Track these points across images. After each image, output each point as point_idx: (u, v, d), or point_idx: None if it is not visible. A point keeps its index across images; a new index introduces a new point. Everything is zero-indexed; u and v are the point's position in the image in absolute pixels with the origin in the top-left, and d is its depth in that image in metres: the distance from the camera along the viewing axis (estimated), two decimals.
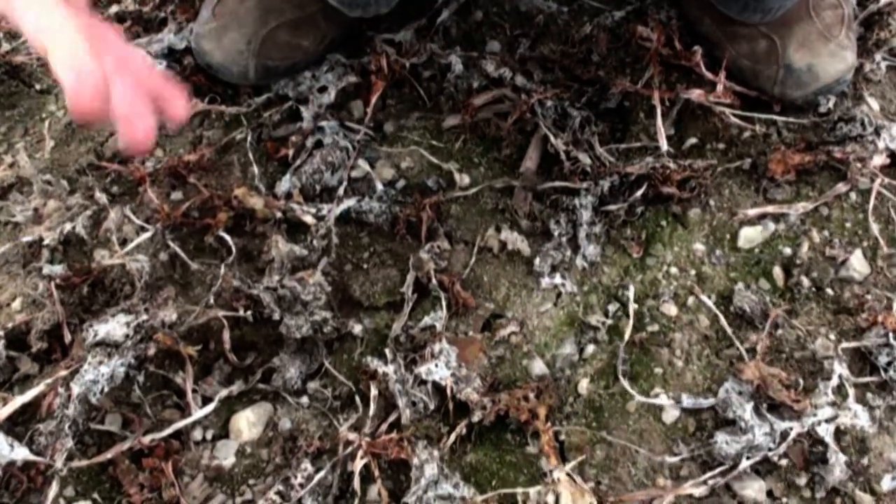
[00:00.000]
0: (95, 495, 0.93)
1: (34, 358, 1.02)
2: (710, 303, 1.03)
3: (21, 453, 0.90)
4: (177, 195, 1.13)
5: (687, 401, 0.97)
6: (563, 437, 0.96)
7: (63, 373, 0.98)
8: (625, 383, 0.98)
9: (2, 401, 0.95)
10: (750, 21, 1.15)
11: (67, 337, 1.02)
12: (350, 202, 1.09)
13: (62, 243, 1.08)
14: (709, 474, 0.91)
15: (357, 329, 1.03)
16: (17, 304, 1.05)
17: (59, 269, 1.05)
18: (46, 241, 1.07)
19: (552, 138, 1.13)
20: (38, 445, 0.92)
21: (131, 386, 0.99)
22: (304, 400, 0.99)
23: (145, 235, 1.07)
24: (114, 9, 1.35)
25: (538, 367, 1.01)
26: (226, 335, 0.99)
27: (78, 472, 0.94)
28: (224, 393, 0.99)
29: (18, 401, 0.95)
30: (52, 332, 1.02)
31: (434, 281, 1.04)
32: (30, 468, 0.93)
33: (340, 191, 1.13)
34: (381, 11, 1.20)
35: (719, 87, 1.15)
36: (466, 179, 1.14)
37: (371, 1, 1.17)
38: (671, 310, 1.03)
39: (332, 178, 1.14)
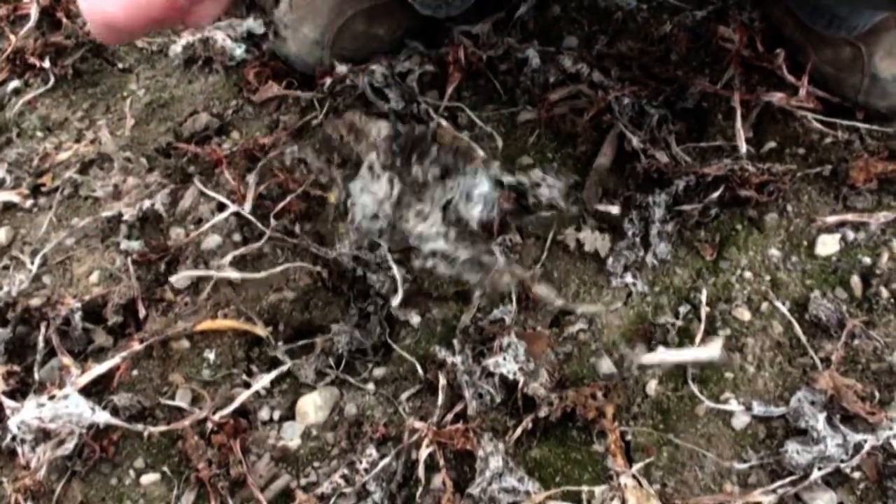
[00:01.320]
0: (165, 468, 0.95)
1: (109, 331, 1.04)
2: (784, 309, 1.01)
3: (103, 417, 0.92)
4: (252, 177, 1.14)
5: (758, 408, 0.95)
6: (629, 438, 0.95)
7: (137, 347, 1.00)
8: (693, 387, 0.97)
9: (80, 369, 0.97)
10: (835, 35, 1.13)
11: (142, 312, 1.04)
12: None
13: (140, 220, 1.10)
14: (778, 483, 0.90)
15: (415, 320, 1.04)
16: (94, 278, 1.07)
17: (136, 244, 1.08)
18: (125, 217, 1.09)
19: (629, 135, 1.12)
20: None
21: (202, 363, 1.01)
22: (370, 386, 1.00)
23: (221, 215, 1.09)
24: None
25: (606, 365, 1.00)
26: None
27: (148, 445, 0.96)
28: (285, 368, 1.00)
29: (95, 370, 0.97)
30: (126, 307, 1.04)
31: None
32: (102, 437, 0.95)
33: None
34: (451, 13, 1.20)
35: (802, 92, 1.13)
36: (540, 174, 1.14)
37: (442, 4, 1.18)
38: (744, 314, 1.02)
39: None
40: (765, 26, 1.21)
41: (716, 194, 1.07)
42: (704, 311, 1.02)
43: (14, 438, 0.92)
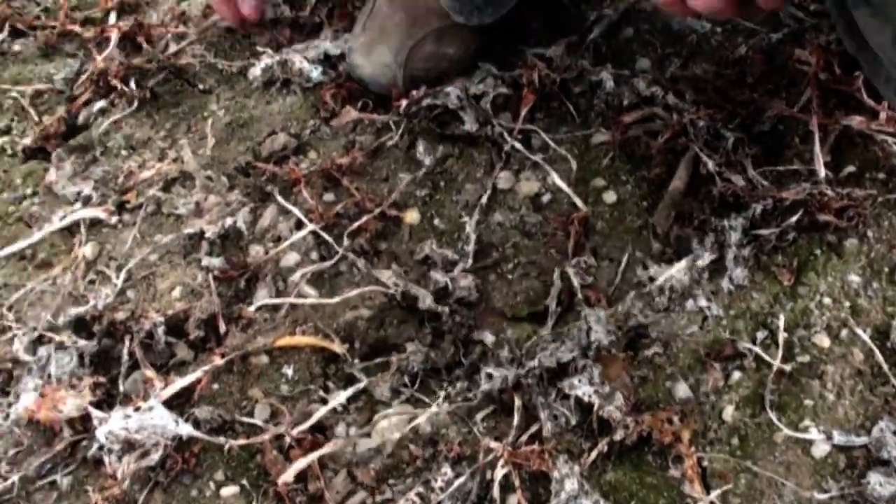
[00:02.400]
0: (244, 481, 0.96)
1: (190, 345, 1.06)
2: (865, 336, 1.00)
3: (186, 429, 0.94)
4: (329, 196, 1.17)
5: (839, 437, 0.94)
6: (706, 464, 0.94)
7: (218, 361, 1.02)
8: (772, 414, 0.96)
9: (163, 382, 0.99)
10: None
11: (222, 327, 1.06)
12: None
13: (221, 237, 1.13)
14: None
15: (489, 340, 1.05)
16: (176, 293, 1.10)
17: (217, 261, 1.10)
18: (207, 235, 1.11)
19: (704, 158, 1.11)
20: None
21: (280, 378, 1.03)
22: (445, 405, 1.01)
23: (299, 234, 1.11)
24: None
25: (682, 390, 0.99)
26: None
27: (227, 458, 0.98)
28: (361, 385, 1.01)
29: (178, 383, 0.99)
30: (207, 322, 1.06)
31: (580, 296, 1.04)
32: (184, 449, 0.97)
33: (484, 200, 1.15)
34: (484, 21, 1.21)
35: (882, 116, 1.11)
36: (613, 196, 1.14)
37: (473, 10, 1.20)
38: (824, 341, 1.00)
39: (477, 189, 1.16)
40: (841, 50, 1.20)
41: (794, 219, 1.06)
42: (782, 336, 1.01)
43: (101, 448, 0.95)
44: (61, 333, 1.06)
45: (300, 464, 0.94)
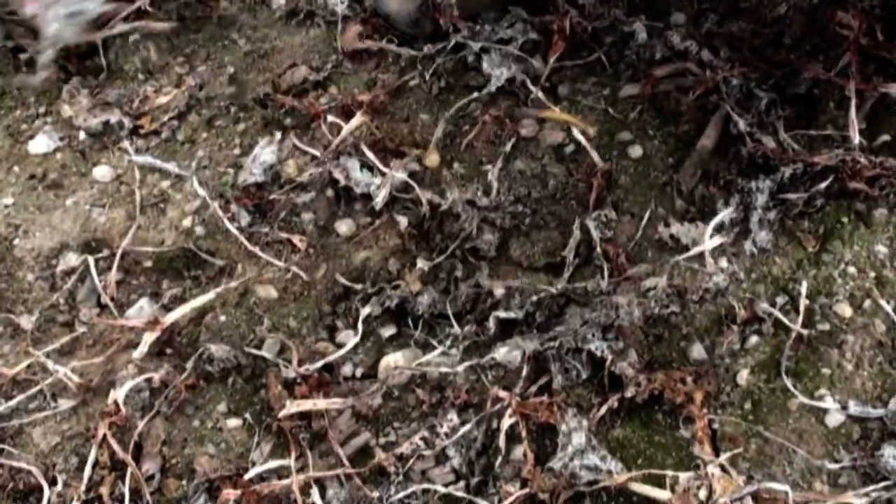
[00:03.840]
0: (247, 415, 0.95)
1: (194, 278, 1.05)
2: (888, 308, 0.97)
3: None
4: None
5: (854, 408, 0.92)
6: (716, 426, 0.93)
7: (226, 292, 1.01)
8: (787, 381, 0.94)
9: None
10: None
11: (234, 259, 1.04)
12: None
13: (235, 167, 1.11)
14: (872, 487, 0.87)
15: (498, 291, 1.02)
16: (187, 222, 1.07)
17: (231, 192, 1.08)
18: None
19: (735, 118, 1.08)
20: None
21: (289, 314, 1.01)
22: (454, 351, 0.99)
23: (316, 170, 1.08)
24: None
25: (697, 350, 0.97)
26: None
27: (232, 391, 0.97)
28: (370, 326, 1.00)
29: (179, 310, 0.98)
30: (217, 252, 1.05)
31: (599, 249, 1.01)
32: (188, 379, 0.96)
33: (507, 147, 1.12)
34: None
35: None
36: (639, 151, 1.11)
37: None
38: (845, 310, 0.98)
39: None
40: (885, 15, 1.16)
41: (823, 184, 1.04)
42: (803, 303, 0.98)
43: None
44: (69, 256, 1.05)
45: (305, 404, 0.92)
